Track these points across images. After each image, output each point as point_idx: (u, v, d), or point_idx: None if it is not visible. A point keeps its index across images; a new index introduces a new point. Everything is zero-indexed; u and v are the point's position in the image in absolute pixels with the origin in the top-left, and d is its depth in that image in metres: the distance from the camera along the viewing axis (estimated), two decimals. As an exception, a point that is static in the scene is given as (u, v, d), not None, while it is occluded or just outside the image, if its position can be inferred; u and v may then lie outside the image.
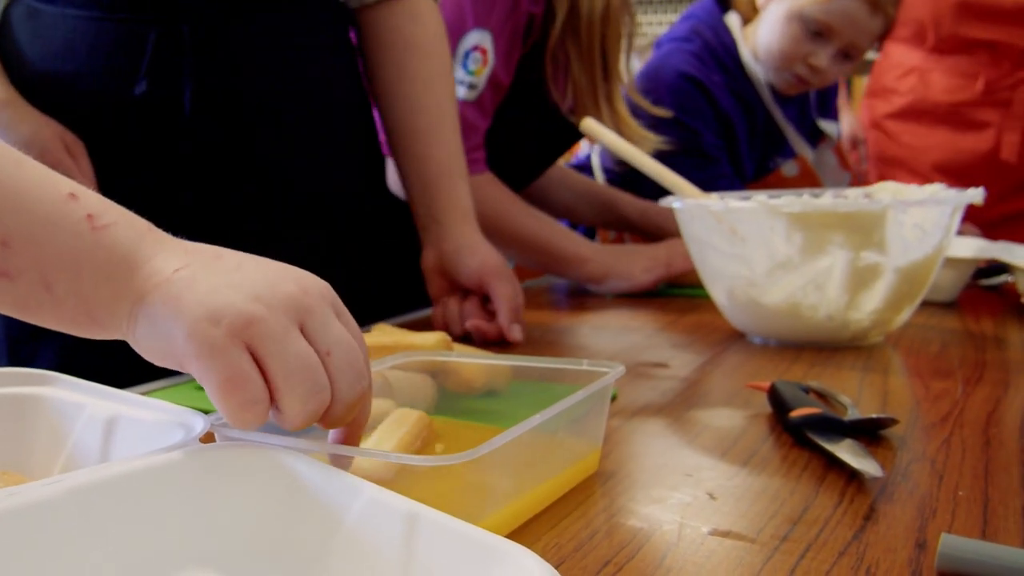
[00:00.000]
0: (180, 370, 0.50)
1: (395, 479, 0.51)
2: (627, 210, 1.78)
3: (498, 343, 1.08)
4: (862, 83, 5.91)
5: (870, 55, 2.36)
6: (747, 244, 1.02)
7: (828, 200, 1.03)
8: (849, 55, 1.90)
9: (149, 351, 0.51)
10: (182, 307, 0.48)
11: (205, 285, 0.49)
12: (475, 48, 1.39)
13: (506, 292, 1.07)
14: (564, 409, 0.58)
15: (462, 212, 1.15)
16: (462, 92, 1.39)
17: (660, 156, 1.51)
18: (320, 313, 0.50)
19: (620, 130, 1.49)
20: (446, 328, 1.13)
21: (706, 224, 1.05)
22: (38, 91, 1.05)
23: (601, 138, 1.22)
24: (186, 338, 0.48)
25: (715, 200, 1.15)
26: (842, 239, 0.98)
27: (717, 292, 1.11)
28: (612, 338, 1.15)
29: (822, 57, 1.88)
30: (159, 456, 0.48)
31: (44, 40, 1.05)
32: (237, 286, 0.49)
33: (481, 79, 1.41)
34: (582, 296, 1.51)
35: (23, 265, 0.49)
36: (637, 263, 1.46)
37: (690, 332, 1.16)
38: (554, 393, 0.71)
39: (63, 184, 0.51)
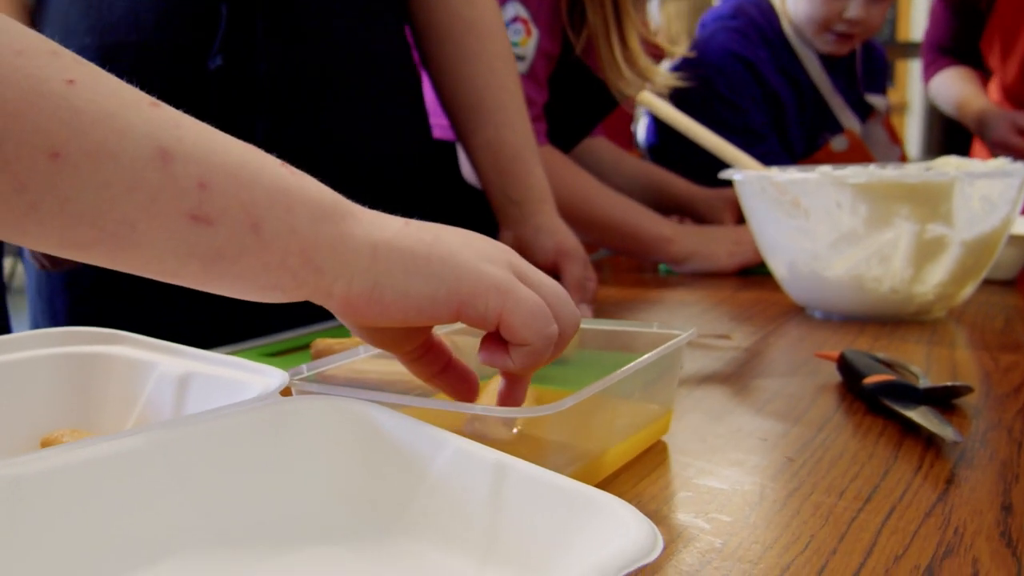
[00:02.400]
0: (440, 321, 0.50)
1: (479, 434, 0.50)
2: (678, 192, 1.76)
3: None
4: (905, 67, 5.86)
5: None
6: (810, 216, 1.00)
7: (894, 171, 1.02)
8: None
9: (397, 302, 0.49)
10: (452, 254, 0.50)
11: (448, 238, 0.51)
12: (515, 20, 1.38)
13: (575, 273, 1.06)
14: (639, 369, 0.57)
15: (539, 194, 1.13)
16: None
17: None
18: (525, 266, 0.53)
19: (633, 68, 1.46)
20: None
21: (768, 196, 1.04)
22: (101, 65, 1.03)
23: (657, 110, 1.21)
24: (478, 277, 0.49)
25: (776, 172, 1.14)
26: (908, 211, 0.96)
27: (778, 265, 1.09)
28: (669, 313, 1.14)
29: (854, 7, 1.87)
30: (239, 408, 0.47)
31: (102, 12, 1.03)
32: (465, 243, 0.52)
33: (528, 50, 1.39)
34: (635, 271, 1.50)
35: (226, 206, 0.45)
36: (722, 246, 1.44)
37: (749, 306, 1.15)
38: (623, 360, 0.71)
39: (239, 140, 0.49)
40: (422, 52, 1.21)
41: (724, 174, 1.11)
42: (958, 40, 2.28)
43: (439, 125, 1.31)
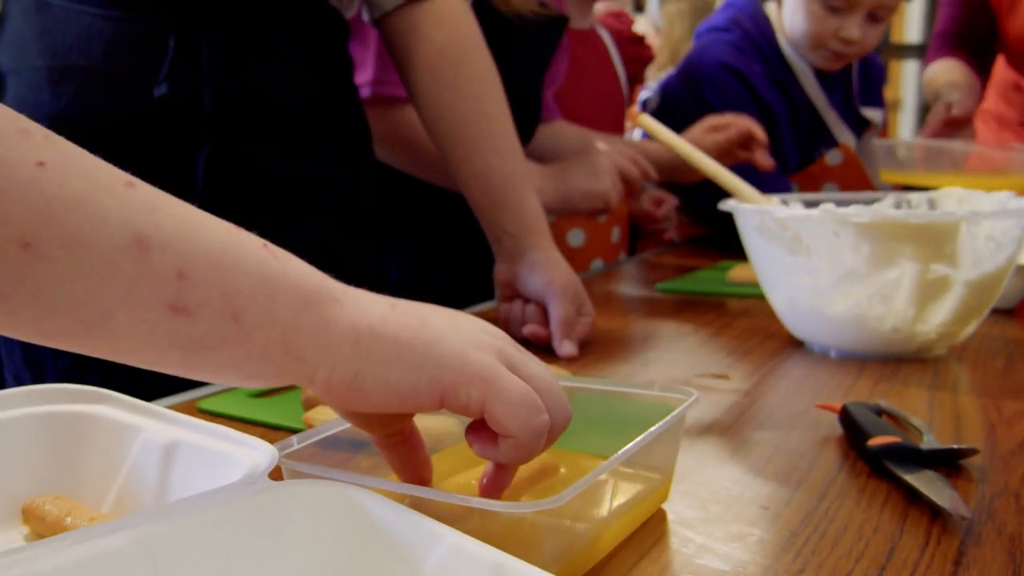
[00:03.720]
0: (422, 409, 0.50)
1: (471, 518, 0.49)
2: (657, 159, 1.70)
3: (552, 351, 1.06)
4: (899, 66, 5.87)
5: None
6: (812, 253, 0.98)
7: (898, 211, 1.00)
8: (878, 17, 1.87)
9: (379, 390, 0.48)
10: (437, 340, 0.48)
11: (434, 322, 0.50)
12: None
13: (561, 311, 1.05)
14: (643, 444, 0.55)
15: (533, 224, 1.11)
16: None
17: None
18: (517, 352, 0.52)
19: None
20: (507, 328, 1.10)
21: (768, 230, 1.02)
22: (50, 86, 1.03)
23: (657, 135, 1.19)
24: (462, 365, 0.48)
25: (776, 204, 1.12)
26: (912, 251, 0.94)
27: (777, 299, 1.08)
28: (666, 344, 1.12)
29: (851, 28, 1.85)
30: (227, 496, 0.45)
31: (55, 35, 1.03)
32: (452, 327, 0.50)
33: None
34: (627, 293, 1.48)
35: (206, 296, 0.44)
36: (576, 190, 1.44)
37: (746, 338, 1.13)
38: (618, 411, 0.69)
39: (220, 220, 0.47)
40: (404, 83, 1.19)
41: (723, 205, 1.09)
42: (964, 27, 2.25)
43: None
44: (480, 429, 0.50)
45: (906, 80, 5.93)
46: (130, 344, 0.44)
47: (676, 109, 2.03)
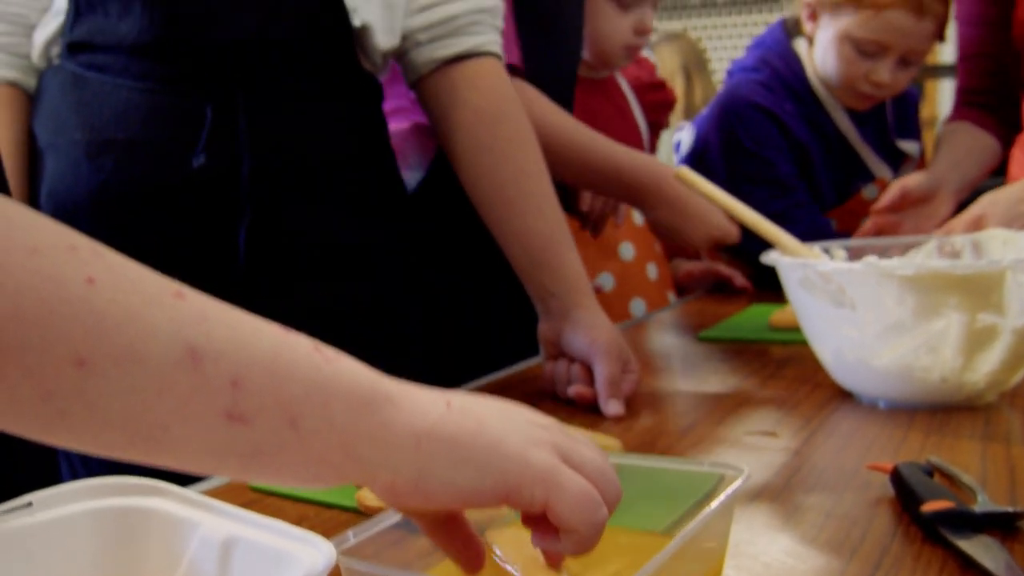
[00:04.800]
0: (483, 507, 0.50)
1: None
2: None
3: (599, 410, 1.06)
4: (934, 86, 5.83)
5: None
6: (856, 305, 0.98)
7: (943, 262, 0.99)
8: (909, 62, 1.86)
9: (444, 491, 0.49)
10: (497, 442, 0.49)
11: (492, 423, 0.50)
12: None
13: (606, 370, 1.05)
14: (703, 524, 0.55)
15: (575, 284, 1.12)
16: None
17: (737, 187, 1.47)
18: (568, 441, 0.52)
19: None
20: (553, 387, 1.11)
21: (811, 283, 1.02)
22: (88, 160, 1.05)
23: (697, 186, 1.19)
24: (524, 467, 0.49)
25: (818, 253, 1.12)
26: (957, 301, 0.94)
27: (823, 351, 1.07)
28: (713, 398, 1.11)
29: (882, 71, 1.84)
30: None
31: (93, 109, 1.05)
32: (509, 426, 0.51)
33: None
34: (669, 343, 1.48)
35: (261, 403, 0.44)
36: (701, 225, 1.46)
37: (793, 389, 1.13)
38: (667, 482, 0.69)
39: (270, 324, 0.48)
40: (441, 144, 1.20)
41: (766, 259, 1.09)
42: (985, 82, 2.16)
43: None
44: (539, 521, 0.51)
45: (942, 99, 5.90)
46: (189, 454, 0.44)
47: (709, 150, 2.03)
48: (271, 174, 1.07)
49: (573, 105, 1.58)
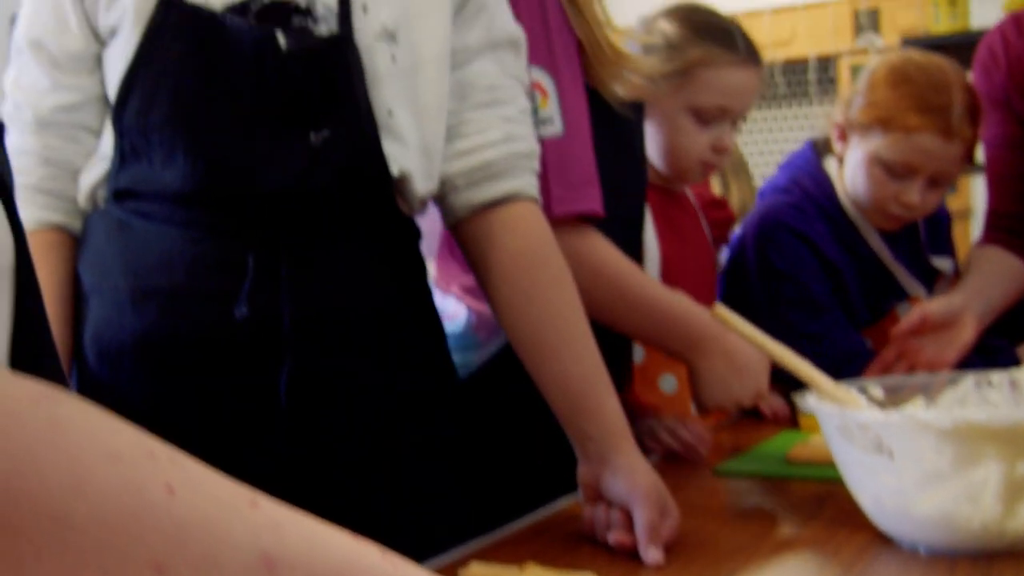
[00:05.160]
0: None
1: None
2: None
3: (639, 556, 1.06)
4: (966, 180, 5.87)
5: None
6: (895, 454, 0.99)
7: (980, 414, 1.01)
8: (939, 183, 1.88)
9: None
10: None
11: None
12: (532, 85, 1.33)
13: (645, 517, 1.05)
14: None
15: (614, 427, 1.13)
16: (546, 131, 1.32)
17: (774, 309, 1.47)
18: None
19: (623, 62, 1.45)
20: (592, 531, 1.12)
21: (850, 431, 1.03)
22: (132, 306, 1.08)
23: (734, 325, 1.21)
24: None
25: (855, 397, 1.13)
26: (995, 451, 0.95)
27: (863, 497, 1.08)
28: (750, 537, 1.11)
29: (912, 193, 1.85)
30: None
31: (137, 255, 1.08)
32: None
33: (552, 109, 1.34)
34: (684, 478, 1.47)
35: None
36: (749, 383, 1.43)
37: (832, 531, 1.13)
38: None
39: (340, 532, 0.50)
40: (480, 286, 1.23)
41: (803, 405, 1.10)
42: (1015, 206, 2.16)
43: None
44: None
45: (975, 189, 5.91)
46: None
47: (743, 272, 2.05)
48: (311, 322, 1.09)
49: (643, 225, 1.61)
